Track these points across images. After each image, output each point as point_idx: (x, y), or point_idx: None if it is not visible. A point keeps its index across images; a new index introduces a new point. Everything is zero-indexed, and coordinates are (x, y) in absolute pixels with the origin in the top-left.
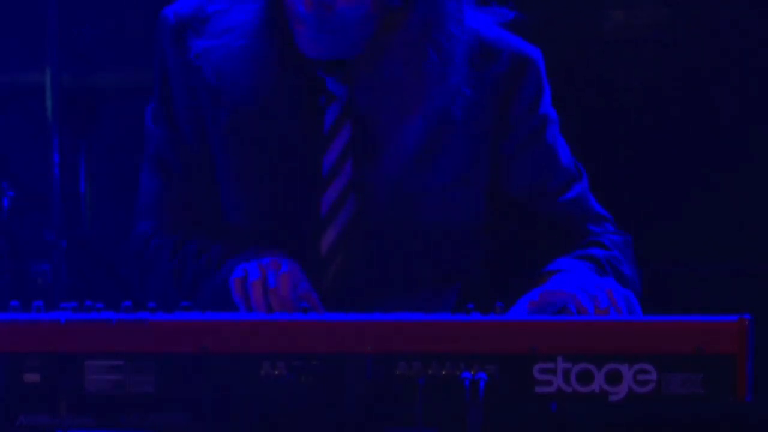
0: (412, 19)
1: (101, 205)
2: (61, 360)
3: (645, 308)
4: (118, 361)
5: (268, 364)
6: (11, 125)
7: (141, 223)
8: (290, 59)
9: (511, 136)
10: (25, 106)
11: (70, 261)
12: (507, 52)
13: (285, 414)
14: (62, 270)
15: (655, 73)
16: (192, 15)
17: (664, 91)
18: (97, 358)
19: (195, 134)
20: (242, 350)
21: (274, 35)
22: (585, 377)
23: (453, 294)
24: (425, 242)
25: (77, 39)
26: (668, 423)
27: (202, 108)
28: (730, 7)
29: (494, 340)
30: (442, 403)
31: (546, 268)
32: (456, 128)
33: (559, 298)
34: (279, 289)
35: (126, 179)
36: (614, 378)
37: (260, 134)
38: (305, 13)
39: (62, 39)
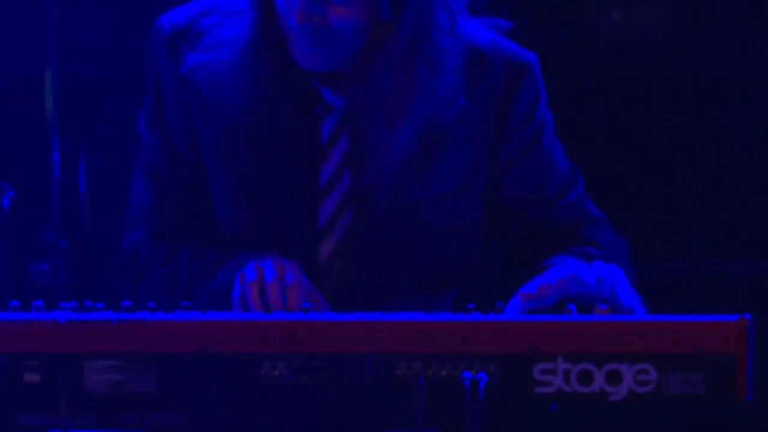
0: (400, 32)
1: (101, 205)
2: (61, 360)
3: (645, 308)
4: (118, 361)
5: (268, 364)
6: (11, 125)
7: (131, 234)
8: (286, 71)
9: (509, 144)
10: (25, 106)
11: (70, 261)
12: (502, 60)
13: (285, 414)
14: (62, 270)
15: (655, 73)
16: (186, 27)
17: (664, 91)
18: (97, 358)
19: (187, 145)
20: (242, 350)
21: (266, 49)
22: (585, 377)
23: (451, 299)
24: (423, 250)
25: (77, 39)
26: (668, 423)
27: (195, 120)
28: (730, 7)
29: (494, 340)
30: (442, 403)
31: (542, 263)
32: (450, 138)
33: (557, 288)
34: (284, 274)
35: (126, 179)
36: (614, 378)
37: (256, 146)
38: (297, 28)
39: (62, 39)
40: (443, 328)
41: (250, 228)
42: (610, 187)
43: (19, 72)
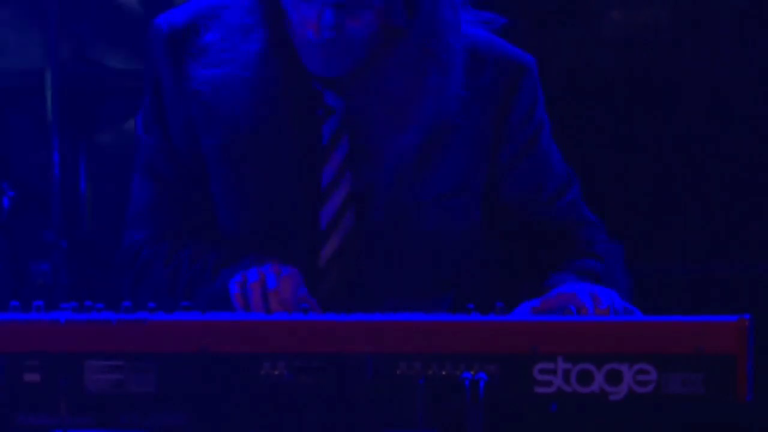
0: (410, 34)
1: (101, 205)
2: (61, 360)
3: (645, 308)
4: (118, 361)
5: (268, 364)
6: (11, 125)
7: (131, 233)
8: (289, 76)
9: (508, 145)
10: (25, 106)
11: (70, 261)
12: (499, 61)
13: (285, 414)
14: (62, 270)
15: (655, 73)
16: (186, 31)
17: (664, 91)
18: (97, 358)
19: (188, 144)
20: (242, 350)
21: (279, 63)
22: (585, 377)
23: (451, 299)
24: (424, 251)
25: (78, 38)
26: (668, 423)
27: (196, 124)
28: (730, 7)
29: (494, 340)
30: (442, 403)
31: (547, 282)
32: (450, 138)
33: (560, 301)
34: (279, 291)
35: (126, 179)
36: (614, 378)
37: (259, 149)
38: (315, 39)
39: (63, 38)
40: (443, 328)
41: (251, 230)
42: (609, 188)
43: (19, 72)
